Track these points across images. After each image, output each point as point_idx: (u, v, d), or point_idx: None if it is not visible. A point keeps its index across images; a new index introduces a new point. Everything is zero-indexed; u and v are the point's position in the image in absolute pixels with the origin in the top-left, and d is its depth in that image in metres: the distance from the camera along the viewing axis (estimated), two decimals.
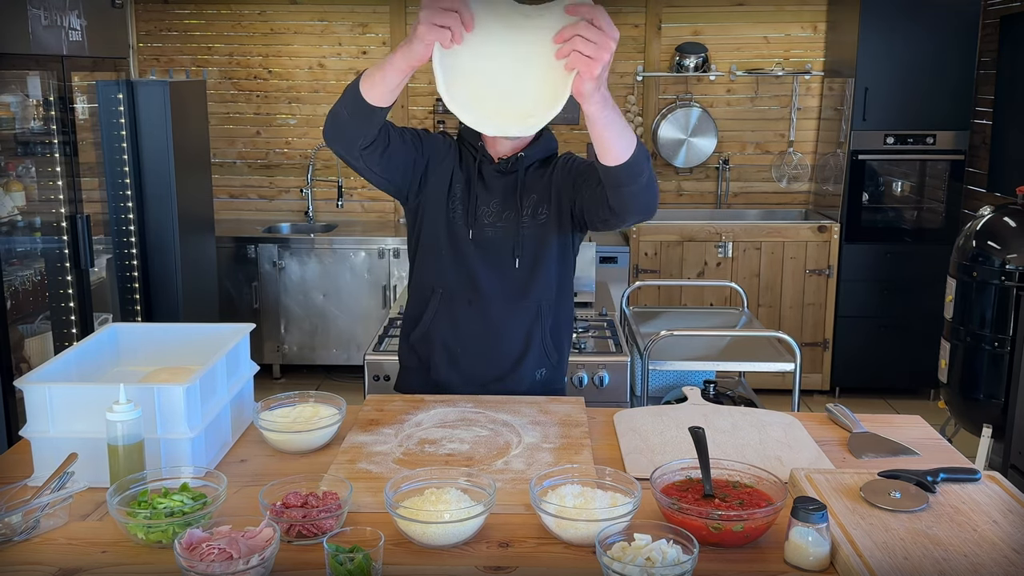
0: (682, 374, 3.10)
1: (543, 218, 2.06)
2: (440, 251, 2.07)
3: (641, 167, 1.73)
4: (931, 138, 4.87)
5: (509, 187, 2.06)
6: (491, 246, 2.06)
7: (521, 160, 2.06)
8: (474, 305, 2.07)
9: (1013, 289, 3.34)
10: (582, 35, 1.45)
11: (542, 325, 2.10)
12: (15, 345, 3.55)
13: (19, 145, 3.87)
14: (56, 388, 1.60)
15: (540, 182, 2.08)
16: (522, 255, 2.06)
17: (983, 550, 1.35)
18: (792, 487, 1.58)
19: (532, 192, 2.07)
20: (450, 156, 2.09)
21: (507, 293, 2.07)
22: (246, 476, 1.66)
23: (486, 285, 2.06)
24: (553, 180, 2.06)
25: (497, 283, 2.06)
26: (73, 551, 1.40)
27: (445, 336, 2.10)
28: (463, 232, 2.06)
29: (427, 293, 2.11)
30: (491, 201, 2.06)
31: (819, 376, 5.10)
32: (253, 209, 5.73)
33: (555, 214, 2.06)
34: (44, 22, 3.61)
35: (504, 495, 1.53)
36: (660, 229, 4.99)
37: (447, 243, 2.07)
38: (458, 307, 2.08)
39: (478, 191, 2.06)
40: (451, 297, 2.09)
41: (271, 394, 1.89)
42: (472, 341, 2.09)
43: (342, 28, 5.50)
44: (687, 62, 5.32)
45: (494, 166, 2.07)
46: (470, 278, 2.06)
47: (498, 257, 2.06)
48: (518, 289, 2.07)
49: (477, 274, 2.06)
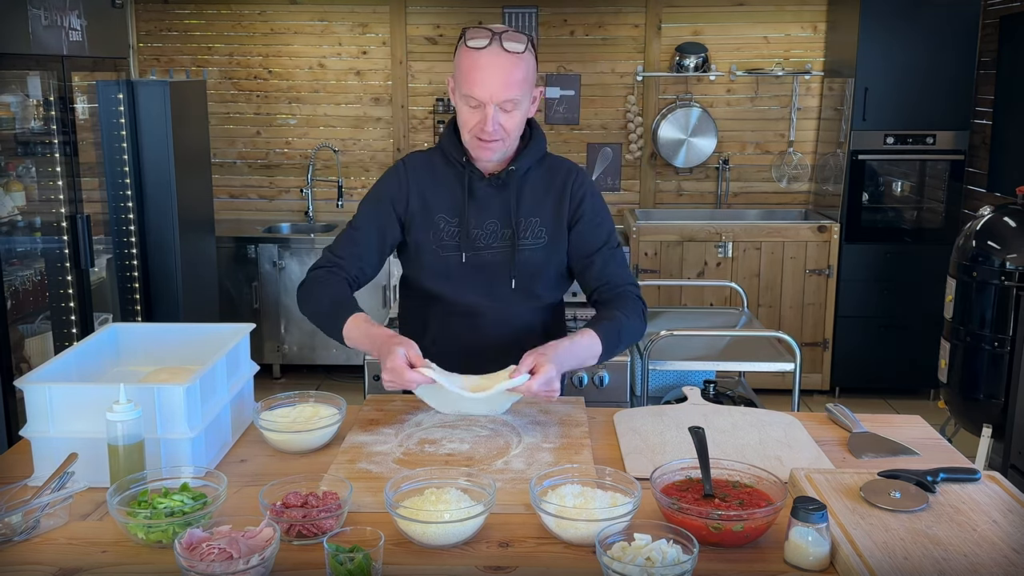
0: (682, 374, 3.10)
1: (542, 241, 2.03)
2: (434, 276, 2.05)
3: (614, 351, 1.95)
4: (931, 138, 4.87)
5: (504, 204, 2.02)
6: (487, 268, 2.03)
7: (513, 173, 2.01)
8: (470, 324, 2.06)
9: (1013, 289, 3.34)
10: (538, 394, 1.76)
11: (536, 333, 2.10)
12: (15, 345, 3.55)
13: (19, 145, 3.87)
14: (56, 388, 1.60)
15: (545, 204, 2.03)
16: (518, 276, 2.03)
17: (983, 550, 1.35)
18: (792, 487, 1.58)
19: (534, 215, 2.02)
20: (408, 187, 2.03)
21: (503, 311, 2.05)
22: (246, 476, 1.66)
23: (480, 303, 2.04)
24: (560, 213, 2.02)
25: (493, 303, 2.04)
26: (73, 551, 1.40)
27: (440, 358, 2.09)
28: (455, 258, 2.02)
29: (422, 313, 2.10)
30: (486, 221, 2.01)
31: (819, 376, 5.10)
32: (253, 209, 5.73)
33: (555, 242, 2.04)
34: (44, 22, 3.61)
35: (504, 495, 1.54)
36: (660, 229, 5.00)
37: (441, 269, 2.04)
38: (454, 326, 2.07)
39: (470, 213, 2.01)
40: (447, 318, 2.07)
41: (271, 394, 1.89)
42: (469, 358, 2.07)
43: (342, 28, 5.50)
44: (687, 62, 5.32)
45: (486, 181, 2.02)
46: (465, 301, 2.04)
47: (494, 278, 2.03)
48: (514, 309, 2.06)
49: (472, 296, 2.04)
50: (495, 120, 1.88)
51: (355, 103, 5.58)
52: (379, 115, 5.58)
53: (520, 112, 1.92)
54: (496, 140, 1.91)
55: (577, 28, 5.39)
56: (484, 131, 1.89)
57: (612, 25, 5.37)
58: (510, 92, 1.86)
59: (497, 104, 1.87)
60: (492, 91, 1.86)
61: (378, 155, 5.63)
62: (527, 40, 1.91)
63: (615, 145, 5.52)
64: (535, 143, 2.04)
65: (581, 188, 2.05)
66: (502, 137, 1.91)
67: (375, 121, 5.59)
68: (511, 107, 1.89)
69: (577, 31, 5.39)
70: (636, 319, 1.99)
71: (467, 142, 1.96)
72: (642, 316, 2.02)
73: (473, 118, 1.91)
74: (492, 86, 1.85)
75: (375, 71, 5.53)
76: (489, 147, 1.93)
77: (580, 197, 2.04)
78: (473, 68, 1.86)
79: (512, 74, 1.86)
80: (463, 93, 1.90)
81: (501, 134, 1.91)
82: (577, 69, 5.43)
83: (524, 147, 2.03)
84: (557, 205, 2.03)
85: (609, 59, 5.41)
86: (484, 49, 1.86)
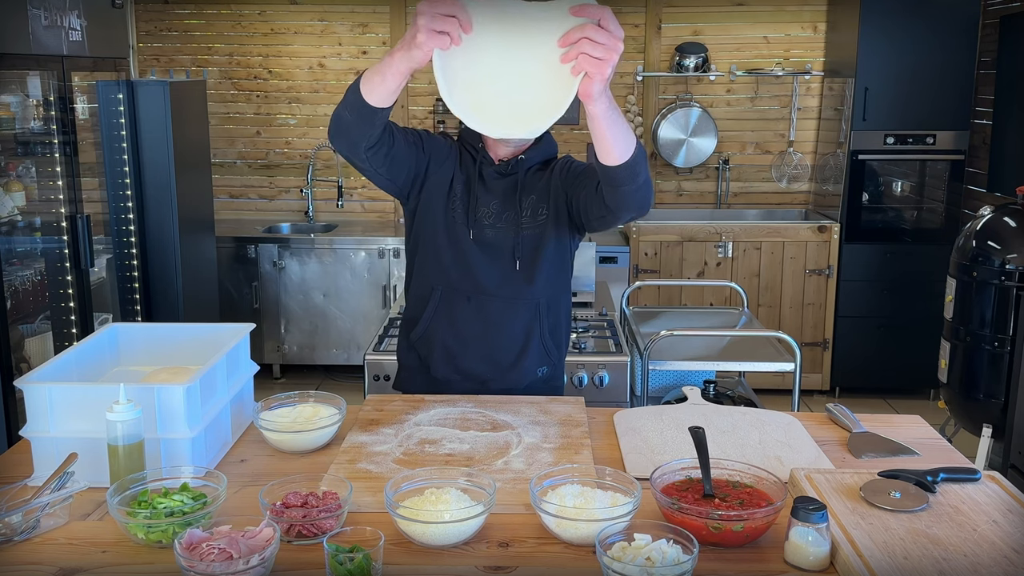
0: (682, 374, 3.10)
1: (542, 218, 2.06)
2: (440, 251, 2.08)
3: (640, 167, 1.74)
4: (931, 138, 4.87)
5: (509, 188, 2.07)
6: (491, 246, 2.06)
7: (522, 162, 2.06)
8: (474, 304, 2.08)
9: (1013, 289, 3.34)
10: (590, 37, 1.43)
11: (541, 323, 2.11)
12: (15, 345, 3.55)
13: (19, 145, 3.87)
14: (56, 388, 1.60)
15: (539, 183, 2.08)
16: (521, 255, 2.06)
17: (983, 550, 1.35)
18: (792, 487, 1.58)
19: (531, 193, 2.07)
20: (451, 157, 2.09)
21: (506, 292, 2.08)
22: (246, 476, 1.66)
23: (486, 284, 2.07)
24: (552, 181, 2.07)
25: (497, 282, 2.07)
26: (73, 551, 1.40)
27: (445, 335, 2.11)
28: (463, 232, 2.06)
29: (426, 292, 2.11)
30: (491, 202, 2.07)
31: (819, 376, 5.10)
32: (253, 209, 5.73)
33: (553, 214, 2.06)
34: (44, 22, 3.61)
35: (504, 495, 1.54)
36: (660, 229, 5.00)
37: (447, 243, 2.07)
38: (458, 306, 2.09)
39: (479, 192, 2.06)
40: (451, 296, 2.09)
41: (271, 394, 1.89)
42: (472, 340, 2.09)
43: (342, 28, 5.50)
44: (687, 62, 5.32)
45: (494, 168, 2.07)
46: (470, 277, 2.07)
47: (498, 257, 2.06)
48: (517, 288, 2.08)
49: (477, 273, 2.06)
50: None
51: None
52: None
53: None
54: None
55: None
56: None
57: None
58: None
59: None
60: None
61: None
62: None
63: None
64: (547, 143, 2.11)
65: (566, 159, 2.12)
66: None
67: None
68: None
69: None
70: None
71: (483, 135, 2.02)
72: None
73: None
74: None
75: None
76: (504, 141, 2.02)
77: (563, 162, 2.10)
78: None
79: None
80: None
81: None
82: None
83: (537, 143, 2.09)
84: (547, 179, 2.08)
85: None
86: None
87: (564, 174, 2.06)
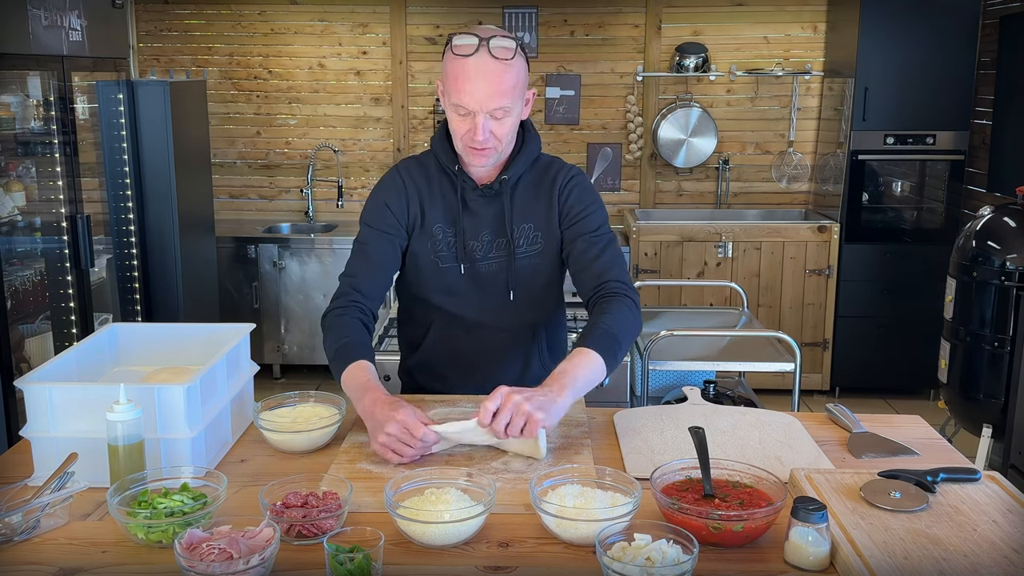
0: (682, 374, 3.10)
1: (536, 247, 2.00)
2: (432, 295, 2.03)
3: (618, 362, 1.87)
4: (931, 138, 4.87)
5: (498, 214, 1.99)
6: (485, 280, 2.01)
7: (506, 182, 1.97)
8: (471, 335, 2.05)
9: (1013, 289, 3.34)
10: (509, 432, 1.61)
11: (539, 345, 2.09)
12: (15, 345, 3.55)
13: (19, 145, 3.87)
14: (56, 388, 1.60)
15: (534, 208, 1.99)
16: (516, 287, 2.01)
17: (983, 550, 1.35)
18: (792, 487, 1.58)
19: (526, 220, 1.99)
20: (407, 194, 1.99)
21: (503, 322, 2.04)
22: (246, 476, 1.66)
23: (481, 317, 2.03)
24: (551, 214, 1.99)
25: (492, 314, 2.03)
26: (73, 551, 1.40)
27: (442, 365, 2.09)
28: (454, 269, 2.00)
29: (422, 324, 2.09)
30: (480, 232, 1.99)
31: (819, 376, 5.10)
32: (253, 209, 5.73)
33: (550, 244, 2.01)
34: (44, 22, 3.61)
35: (504, 495, 1.54)
36: (660, 229, 5.00)
37: (439, 286, 2.01)
38: (455, 338, 2.06)
39: (465, 226, 1.98)
40: (447, 329, 2.06)
41: (271, 394, 1.89)
42: (470, 368, 2.07)
43: (342, 28, 5.50)
44: (687, 62, 5.32)
45: (478, 191, 1.98)
46: (465, 312, 2.03)
47: (492, 290, 2.01)
48: (514, 317, 2.04)
49: (472, 308, 2.02)
50: (486, 128, 1.83)
51: (355, 103, 5.58)
52: (379, 115, 5.58)
53: (512, 118, 1.87)
54: (488, 148, 1.87)
55: (577, 28, 5.39)
56: (475, 140, 1.85)
57: (612, 25, 5.37)
58: (500, 100, 1.81)
59: (487, 112, 1.82)
60: (481, 100, 1.81)
61: (378, 155, 5.63)
62: (516, 44, 1.85)
63: (615, 145, 5.52)
64: (528, 147, 1.99)
65: (568, 184, 2.00)
66: (494, 145, 1.87)
67: (375, 121, 5.59)
68: (502, 114, 1.84)
69: (577, 31, 5.39)
70: (628, 316, 1.88)
71: (459, 149, 1.92)
72: (633, 311, 1.90)
73: (463, 126, 1.86)
74: (481, 95, 1.80)
75: (375, 71, 5.54)
76: (482, 154, 1.88)
77: (568, 192, 2.00)
78: (461, 76, 1.81)
79: (502, 81, 1.81)
80: (452, 101, 1.85)
81: (493, 142, 1.86)
82: (577, 69, 5.43)
83: (517, 152, 1.99)
84: (547, 205, 2.00)
85: (609, 59, 5.41)
86: (471, 56, 1.80)
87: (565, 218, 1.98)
